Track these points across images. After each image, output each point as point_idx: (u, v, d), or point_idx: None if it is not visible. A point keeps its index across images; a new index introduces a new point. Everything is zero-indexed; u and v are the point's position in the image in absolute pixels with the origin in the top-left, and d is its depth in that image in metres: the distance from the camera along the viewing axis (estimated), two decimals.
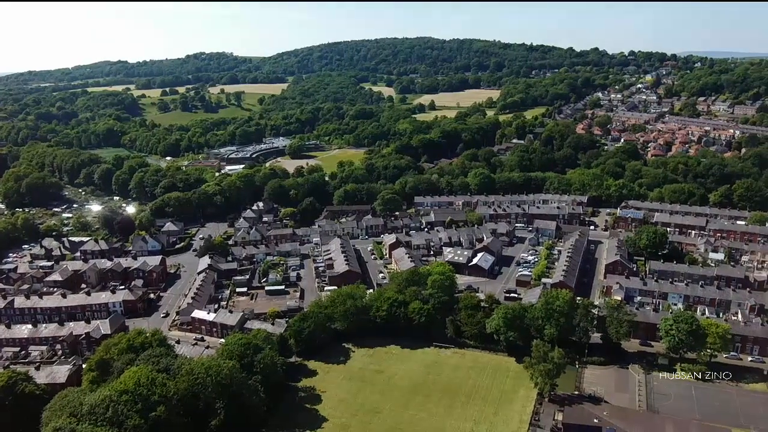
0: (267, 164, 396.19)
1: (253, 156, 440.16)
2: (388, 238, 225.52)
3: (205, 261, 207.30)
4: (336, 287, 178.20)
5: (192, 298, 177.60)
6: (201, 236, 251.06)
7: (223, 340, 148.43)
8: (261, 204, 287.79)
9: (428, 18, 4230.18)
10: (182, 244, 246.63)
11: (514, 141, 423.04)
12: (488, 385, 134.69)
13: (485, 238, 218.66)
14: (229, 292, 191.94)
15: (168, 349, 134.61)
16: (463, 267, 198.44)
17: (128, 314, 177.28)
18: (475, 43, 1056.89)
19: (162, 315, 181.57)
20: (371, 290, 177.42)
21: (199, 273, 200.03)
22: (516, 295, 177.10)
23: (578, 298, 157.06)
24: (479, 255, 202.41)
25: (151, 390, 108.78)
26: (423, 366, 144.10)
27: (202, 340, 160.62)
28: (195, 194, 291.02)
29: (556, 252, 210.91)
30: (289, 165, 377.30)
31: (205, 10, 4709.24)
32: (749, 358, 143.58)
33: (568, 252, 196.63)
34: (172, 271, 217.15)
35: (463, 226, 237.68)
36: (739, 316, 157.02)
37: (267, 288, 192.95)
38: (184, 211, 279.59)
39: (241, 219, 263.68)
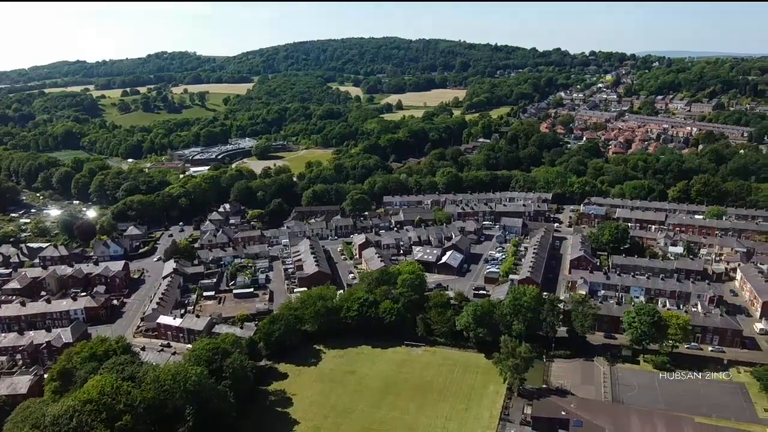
0: (233, 165, 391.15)
1: (219, 157, 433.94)
2: (358, 238, 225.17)
3: (170, 265, 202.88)
4: (306, 288, 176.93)
5: (157, 303, 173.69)
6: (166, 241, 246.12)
7: (190, 345, 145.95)
8: (227, 206, 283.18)
9: (394, 18, 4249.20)
10: (146, 248, 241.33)
11: (481, 140, 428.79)
12: (459, 382, 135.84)
13: (454, 237, 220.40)
14: (195, 296, 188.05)
15: (133, 357, 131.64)
16: (432, 265, 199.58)
17: (90, 321, 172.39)
18: (441, 44, 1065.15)
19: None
20: (341, 291, 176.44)
21: (164, 277, 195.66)
22: (484, 292, 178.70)
23: (544, 293, 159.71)
24: (448, 253, 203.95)
25: (116, 399, 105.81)
26: (394, 365, 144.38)
27: (169, 346, 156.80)
28: (159, 197, 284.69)
29: (522, 249, 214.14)
30: (256, 166, 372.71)
31: (167, 8, 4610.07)
32: (709, 348, 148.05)
33: (534, 249, 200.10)
34: (135, 276, 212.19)
35: (432, 225, 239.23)
36: (699, 307, 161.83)
37: (235, 291, 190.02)
38: (148, 215, 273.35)
39: (207, 221, 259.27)
